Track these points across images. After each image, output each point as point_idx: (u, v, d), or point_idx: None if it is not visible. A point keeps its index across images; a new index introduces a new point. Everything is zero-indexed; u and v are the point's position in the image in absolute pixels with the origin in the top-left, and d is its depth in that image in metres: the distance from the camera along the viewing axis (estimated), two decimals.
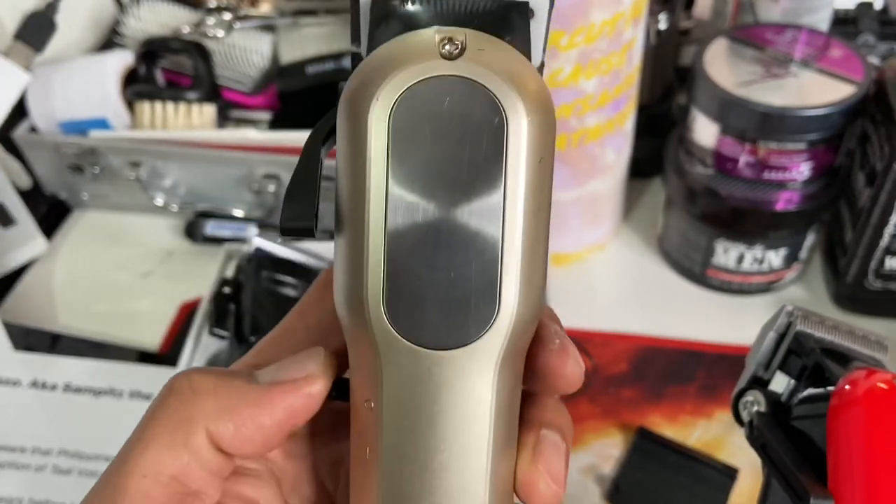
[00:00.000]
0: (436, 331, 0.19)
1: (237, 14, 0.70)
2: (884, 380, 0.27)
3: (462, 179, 0.18)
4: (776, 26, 0.55)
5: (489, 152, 0.18)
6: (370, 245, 0.18)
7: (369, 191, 0.18)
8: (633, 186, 0.65)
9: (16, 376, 0.54)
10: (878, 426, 0.26)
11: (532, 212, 0.19)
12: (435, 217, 0.18)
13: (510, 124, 0.18)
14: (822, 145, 0.50)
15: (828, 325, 0.31)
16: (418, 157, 0.18)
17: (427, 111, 0.18)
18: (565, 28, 0.46)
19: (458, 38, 0.18)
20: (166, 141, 0.63)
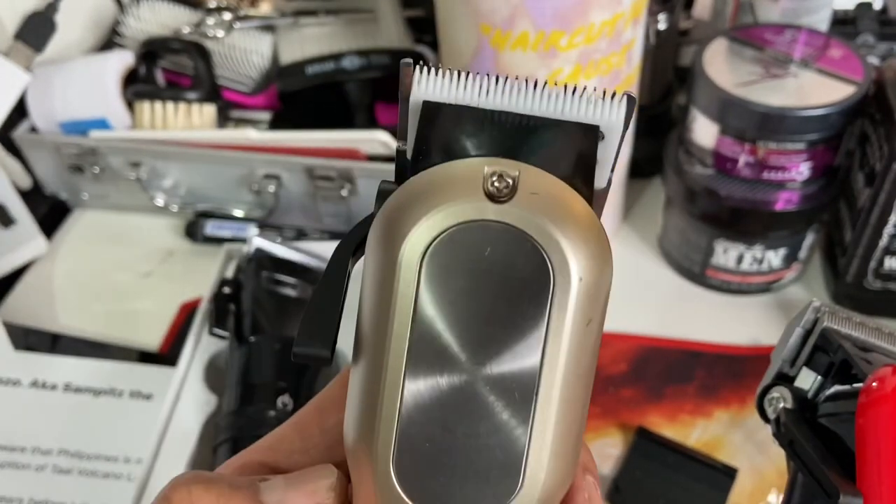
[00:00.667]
0: (447, 501, 0.17)
1: (237, 14, 0.70)
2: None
3: (495, 339, 0.16)
4: (776, 26, 0.55)
5: (530, 313, 0.16)
6: (385, 394, 0.17)
7: (391, 336, 0.16)
8: (633, 186, 0.65)
9: (16, 376, 0.54)
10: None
11: (571, 381, 0.17)
12: (460, 377, 0.16)
13: (557, 285, 0.16)
14: (822, 145, 0.50)
15: (854, 321, 0.31)
16: (449, 308, 0.16)
17: (465, 259, 0.16)
18: (565, 28, 0.46)
19: (511, 174, 0.16)
20: (166, 141, 0.63)
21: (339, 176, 0.60)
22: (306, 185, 0.62)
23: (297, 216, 0.65)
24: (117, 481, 0.49)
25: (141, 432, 0.49)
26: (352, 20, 0.72)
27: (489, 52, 0.49)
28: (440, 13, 0.51)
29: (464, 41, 0.50)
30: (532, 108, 0.17)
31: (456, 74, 0.18)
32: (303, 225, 0.65)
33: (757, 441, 0.50)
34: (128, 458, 0.50)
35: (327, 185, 0.61)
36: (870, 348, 0.30)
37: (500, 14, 0.46)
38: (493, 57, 0.49)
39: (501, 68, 0.49)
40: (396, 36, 0.70)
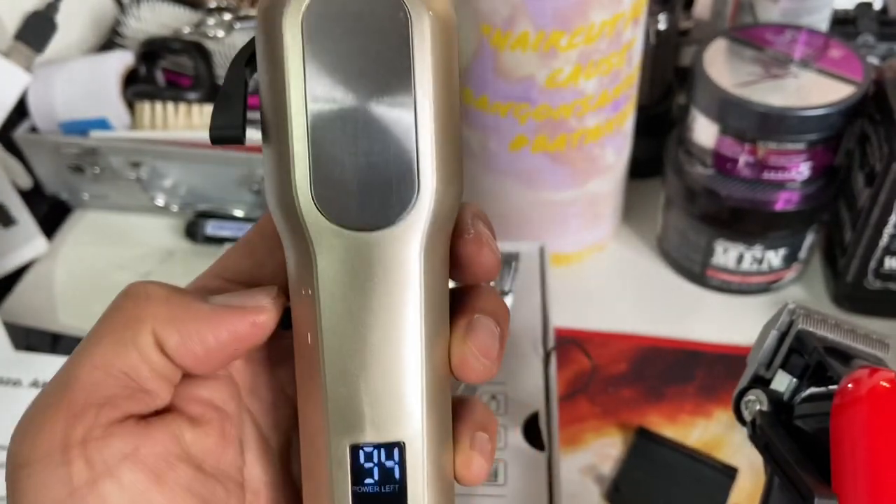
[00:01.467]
0: (362, 213, 0.20)
1: (237, 14, 0.70)
2: (887, 378, 0.27)
3: (375, 70, 0.20)
4: (775, 26, 0.55)
5: (397, 43, 0.20)
6: (295, 140, 0.20)
7: (289, 89, 0.19)
8: (633, 187, 0.65)
9: (16, 376, 0.54)
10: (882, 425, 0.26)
11: (442, 98, 0.20)
12: (353, 107, 0.20)
13: (414, 18, 0.19)
14: (822, 145, 0.50)
15: (830, 323, 0.31)
16: (333, 53, 0.19)
17: (338, 11, 0.19)
18: (565, 28, 0.47)
19: None
20: (167, 141, 0.63)
21: None
22: None
23: None
24: None
25: None
26: None
27: (489, 51, 0.49)
28: None
29: (464, 41, 0.50)
30: None
31: None
32: None
33: None
34: None
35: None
36: (845, 350, 0.30)
37: (500, 14, 0.47)
38: (493, 56, 0.49)
39: (501, 68, 0.49)
40: None
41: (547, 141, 0.52)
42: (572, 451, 0.50)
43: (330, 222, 0.20)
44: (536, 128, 0.52)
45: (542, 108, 0.50)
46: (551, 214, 0.58)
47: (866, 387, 0.27)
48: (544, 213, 0.58)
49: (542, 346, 0.47)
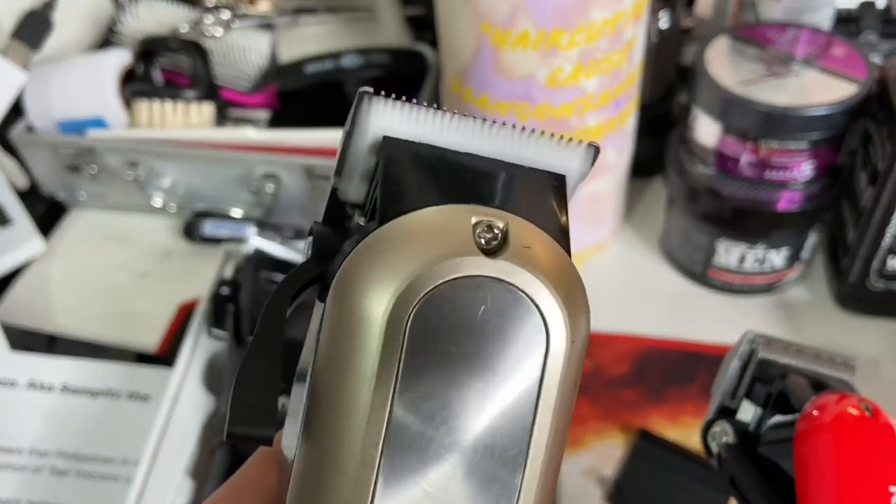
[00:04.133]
0: None
1: (236, 13, 0.69)
2: (853, 405, 0.27)
3: (485, 408, 0.15)
4: (778, 25, 0.55)
5: (521, 379, 0.15)
6: (358, 480, 0.14)
7: (366, 410, 0.14)
8: (635, 186, 0.64)
9: (13, 377, 0.54)
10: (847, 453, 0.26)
11: (556, 445, 0.16)
12: (446, 452, 0.15)
13: (552, 348, 0.15)
14: (824, 145, 0.50)
15: (792, 350, 0.31)
16: (437, 376, 0.14)
17: (453, 320, 0.14)
18: (566, 27, 0.46)
19: (499, 224, 0.15)
20: (164, 140, 0.62)
21: None
22: (305, 184, 0.61)
23: (296, 216, 0.64)
24: (115, 483, 0.49)
25: (138, 434, 0.48)
26: (351, 19, 0.72)
27: (489, 50, 0.48)
28: (440, 11, 0.51)
29: (464, 40, 0.49)
30: (502, 152, 0.16)
31: (420, 109, 0.16)
32: (302, 225, 0.65)
33: None
34: (125, 460, 0.50)
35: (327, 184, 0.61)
36: (810, 376, 0.30)
37: (500, 12, 0.46)
38: (493, 55, 0.48)
39: (502, 67, 0.49)
40: (396, 34, 0.70)
41: None
42: (574, 453, 0.50)
43: None
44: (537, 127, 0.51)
45: (542, 106, 0.50)
46: None
47: (832, 413, 0.27)
48: None
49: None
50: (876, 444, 0.26)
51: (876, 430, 0.26)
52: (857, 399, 0.27)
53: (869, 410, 0.27)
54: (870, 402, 0.27)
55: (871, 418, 0.26)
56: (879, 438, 0.26)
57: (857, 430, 0.26)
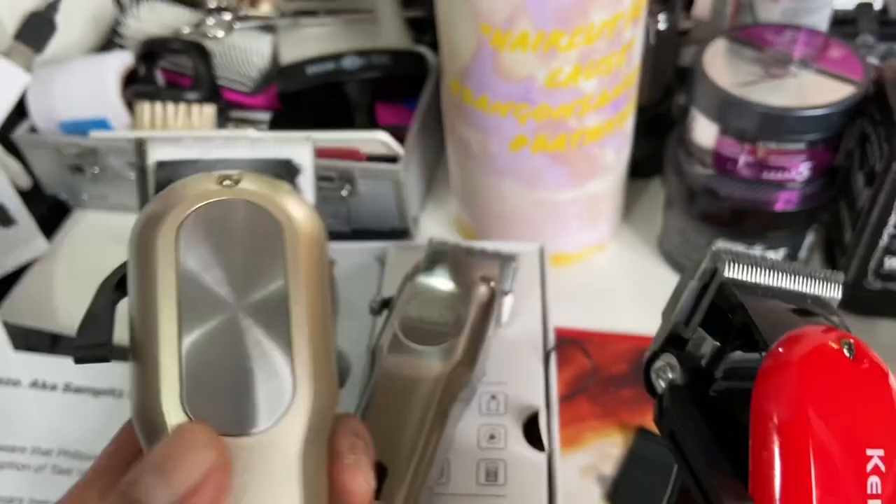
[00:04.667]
0: (238, 419, 0.20)
1: (237, 14, 0.70)
2: (830, 339, 0.21)
3: (249, 280, 0.20)
4: (775, 26, 0.55)
5: (270, 254, 0.21)
6: (166, 355, 0.20)
7: (160, 305, 0.20)
8: (633, 187, 0.65)
9: (16, 376, 0.54)
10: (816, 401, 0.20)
11: (315, 304, 0.21)
12: (227, 318, 0.20)
13: (286, 229, 0.21)
14: (822, 145, 0.50)
15: (764, 266, 0.25)
16: (206, 267, 0.20)
17: (211, 228, 0.20)
18: (565, 29, 0.46)
19: (234, 175, 0.21)
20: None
21: (339, 176, 0.60)
22: None
23: None
24: None
25: None
26: (352, 20, 0.72)
27: (489, 51, 0.49)
28: (440, 13, 0.51)
29: (463, 41, 0.50)
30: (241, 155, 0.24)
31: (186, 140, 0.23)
32: None
33: None
34: None
35: (327, 185, 0.61)
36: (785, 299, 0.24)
37: (500, 14, 0.47)
38: (492, 57, 0.49)
39: (501, 68, 0.49)
40: (396, 36, 0.70)
41: (547, 141, 0.52)
42: (572, 452, 0.50)
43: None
44: (536, 128, 0.52)
45: (541, 108, 0.50)
46: (551, 214, 0.58)
47: (802, 350, 0.21)
48: (544, 214, 0.58)
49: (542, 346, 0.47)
50: (854, 393, 0.21)
51: (856, 374, 0.21)
52: (838, 334, 0.22)
53: (851, 349, 0.21)
54: (854, 339, 0.22)
55: (851, 360, 0.21)
56: (859, 385, 0.21)
57: (832, 372, 0.21)
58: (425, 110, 0.64)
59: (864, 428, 0.20)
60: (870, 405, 0.21)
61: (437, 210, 0.67)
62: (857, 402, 0.21)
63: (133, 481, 0.18)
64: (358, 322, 0.52)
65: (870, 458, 0.20)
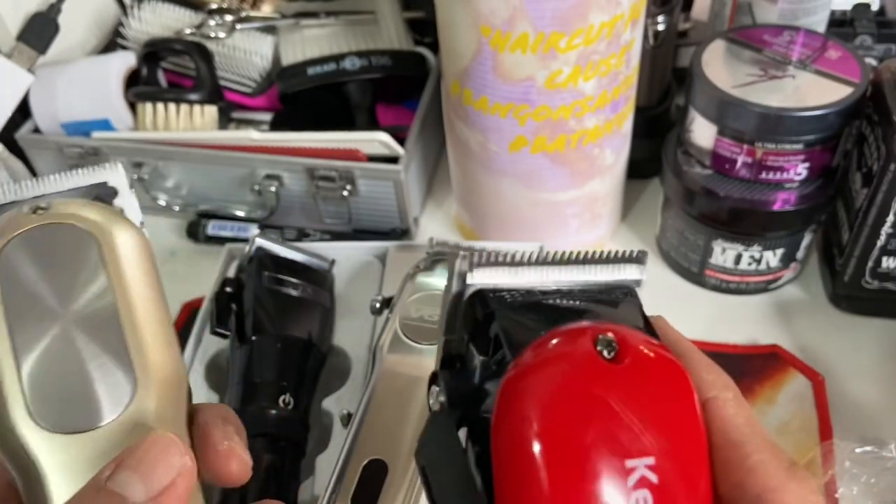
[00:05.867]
0: (84, 418, 0.21)
1: (239, 16, 0.70)
2: (583, 338, 0.19)
3: (72, 289, 0.22)
4: (774, 28, 0.55)
5: (89, 264, 0.22)
6: (4, 371, 0.20)
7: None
8: (632, 187, 0.65)
9: None
10: (554, 418, 0.18)
11: (144, 304, 0.22)
12: (56, 325, 0.21)
13: (103, 243, 0.22)
14: (820, 146, 0.50)
15: (520, 264, 0.21)
16: (30, 283, 0.21)
17: (31, 251, 0.21)
18: (564, 30, 0.47)
19: (44, 204, 0.22)
20: (169, 142, 0.63)
21: (339, 176, 0.61)
22: (307, 185, 0.62)
23: (298, 216, 0.65)
24: None
25: None
26: (352, 22, 0.73)
27: (489, 53, 0.49)
28: (440, 15, 0.52)
29: (464, 43, 0.50)
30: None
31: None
32: (304, 225, 0.66)
33: None
34: None
35: (328, 185, 0.61)
36: (554, 296, 0.22)
37: (499, 16, 0.47)
38: (492, 58, 0.49)
39: (501, 69, 0.49)
40: (397, 37, 0.70)
41: (546, 142, 0.53)
42: None
43: (56, 433, 0.20)
44: (536, 129, 0.52)
45: (541, 109, 0.51)
46: (551, 215, 0.58)
47: (538, 358, 0.18)
48: (544, 214, 0.58)
49: None
50: (610, 398, 0.18)
51: (612, 376, 0.18)
52: (594, 331, 0.19)
53: (610, 346, 0.19)
54: (618, 333, 0.19)
55: (609, 360, 0.19)
56: (617, 387, 0.18)
57: (575, 379, 0.18)
58: (425, 111, 0.65)
59: (625, 437, 0.18)
60: (632, 408, 0.18)
61: (437, 210, 0.68)
62: (613, 408, 0.18)
63: (110, 476, 0.20)
64: (359, 321, 0.52)
65: (631, 471, 0.17)
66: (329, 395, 0.48)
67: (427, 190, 0.69)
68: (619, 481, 0.17)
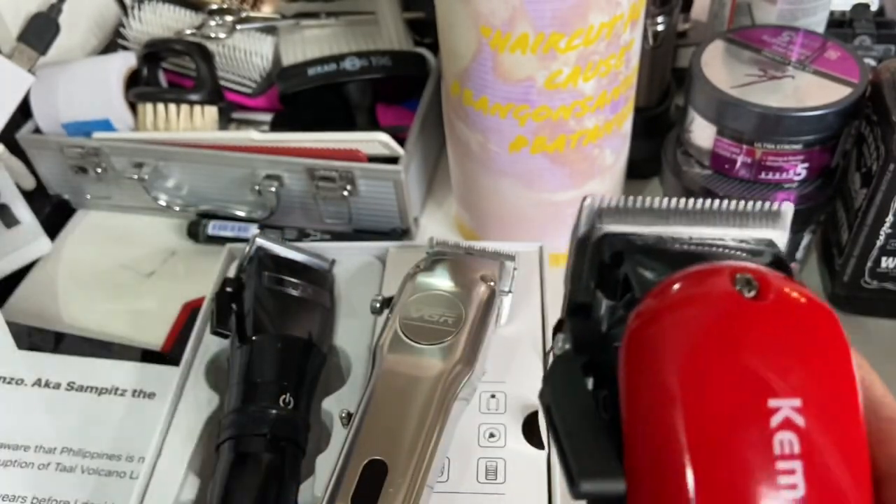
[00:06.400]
0: None
1: (239, 16, 0.70)
2: (723, 275, 0.18)
3: None
4: (773, 28, 0.56)
5: None
6: None
7: None
8: (631, 187, 0.65)
9: (20, 375, 0.54)
10: (691, 351, 0.17)
11: None
12: None
13: None
14: (819, 146, 0.50)
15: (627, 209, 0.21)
16: None
17: None
18: (564, 31, 0.47)
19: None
20: (169, 142, 0.63)
21: (340, 177, 0.61)
22: (307, 185, 0.62)
23: (299, 216, 0.65)
24: (120, 479, 0.50)
25: (143, 431, 0.49)
26: (353, 22, 0.73)
27: (489, 53, 0.49)
28: (440, 15, 0.52)
29: (464, 43, 0.50)
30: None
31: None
32: (304, 225, 0.66)
33: None
34: (130, 457, 0.50)
35: (328, 185, 0.61)
36: (692, 245, 0.21)
37: (499, 16, 0.47)
38: (492, 58, 0.49)
39: (501, 70, 0.49)
40: (397, 38, 0.71)
41: (546, 142, 0.53)
42: None
43: None
44: (536, 129, 0.52)
45: (541, 109, 0.51)
46: (550, 215, 0.58)
47: (679, 294, 0.18)
48: (543, 214, 0.58)
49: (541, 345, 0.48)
50: (752, 337, 0.17)
51: (754, 314, 0.17)
52: (732, 269, 0.18)
53: (750, 285, 0.18)
54: (757, 273, 0.18)
55: (751, 298, 0.17)
56: (760, 327, 0.17)
57: (717, 316, 0.17)
58: (425, 111, 0.65)
59: (768, 377, 0.17)
60: (777, 349, 0.17)
61: (437, 210, 0.68)
62: (755, 347, 0.17)
63: None
64: (359, 321, 0.52)
65: (774, 411, 0.16)
66: (329, 395, 0.48)
67: (427, 190, 0.69)
68: (762, 421, 0.16)
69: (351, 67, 0.65)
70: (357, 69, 0.65)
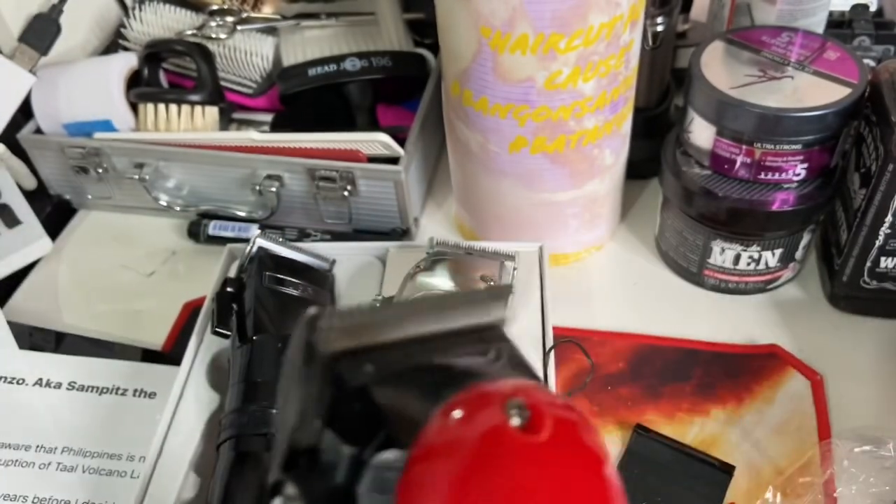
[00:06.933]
0: None
1: (240, 17, 0.71)
2: (495, 407, 0.16)
3: None
4: (772, 29, 0.56)
5: None
6: None
7: None
8: (631, 187, 0.65)
9: (21, 375, 0.55)
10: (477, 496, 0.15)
11: None
12: None
13: None
14: (818, 147, 0.50)
15: (375, 319, 0.18)
16: None
17: None
18: (564, 31, 0.47)
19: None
20: (170, 142, 0.63)
21: (340, 177, 0.61)
22: (308, 185, 0.62)
23: (299, 216, 0.65)
24: (121, 479, 0.50)
25: (144, 430, 0.49)
26: (353, 23, 0.73)
27: (489, 54, 0.49)
28: (440, 16, 0.52)
29: (464, 44, 0.50)
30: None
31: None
32: (304, 225, 0.66)
33: (753, 439, 0.50)
34: (131, 456, 0.51)
35: (329, 185, 0.61)
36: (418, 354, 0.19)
37: (499, 16, 0.47)
38: (492, 59, 0.49)
39: (501, 70, 0.50)
40: (397, 38, 0.71)
41: (546, 142, 0.53)
42: None
43: None
44: (535, 129, 0.52)
45: (541, 109, 0.51)
46: (550, 215, 0.58)
47: (447, 434, 0.15)
48: (543, 214, 0.58)
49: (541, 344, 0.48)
50: (528, 477, 0.15)
51: (529, 452, 0.16)
52: (501, 396, 0.16)
53: (522, 415, 0.16)
54: (530, 396, 0.16)
55: (522, 431, 0.16)
56: (535, 465, 0.15)
57: (496, 455, 0.15)
58: (426, 112, 0.65)
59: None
60: (555, 488, 0.15)
61: (437, 210, 0.68)
62: (533, 488, 0.15)
63: None
64: None
65: None
66: None
67: (427, 190, 0.69)
68: None
69: (351, 68, 0.65)
70: (357, 70, 0.65)
